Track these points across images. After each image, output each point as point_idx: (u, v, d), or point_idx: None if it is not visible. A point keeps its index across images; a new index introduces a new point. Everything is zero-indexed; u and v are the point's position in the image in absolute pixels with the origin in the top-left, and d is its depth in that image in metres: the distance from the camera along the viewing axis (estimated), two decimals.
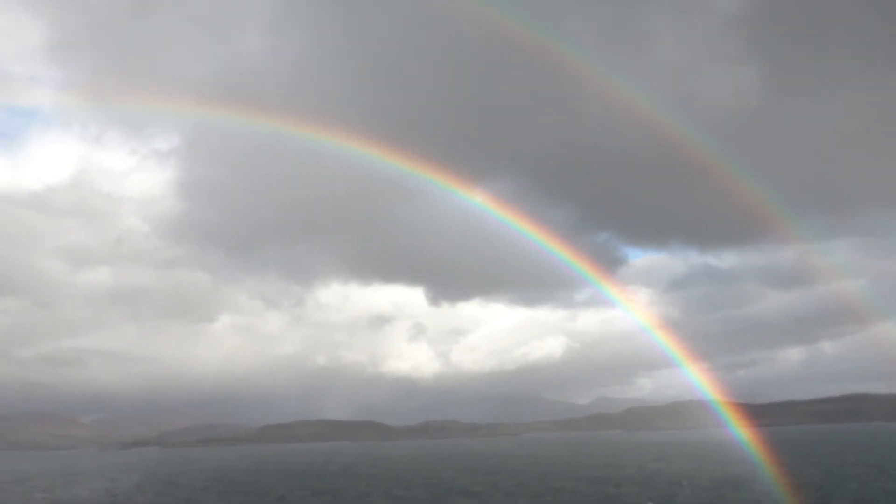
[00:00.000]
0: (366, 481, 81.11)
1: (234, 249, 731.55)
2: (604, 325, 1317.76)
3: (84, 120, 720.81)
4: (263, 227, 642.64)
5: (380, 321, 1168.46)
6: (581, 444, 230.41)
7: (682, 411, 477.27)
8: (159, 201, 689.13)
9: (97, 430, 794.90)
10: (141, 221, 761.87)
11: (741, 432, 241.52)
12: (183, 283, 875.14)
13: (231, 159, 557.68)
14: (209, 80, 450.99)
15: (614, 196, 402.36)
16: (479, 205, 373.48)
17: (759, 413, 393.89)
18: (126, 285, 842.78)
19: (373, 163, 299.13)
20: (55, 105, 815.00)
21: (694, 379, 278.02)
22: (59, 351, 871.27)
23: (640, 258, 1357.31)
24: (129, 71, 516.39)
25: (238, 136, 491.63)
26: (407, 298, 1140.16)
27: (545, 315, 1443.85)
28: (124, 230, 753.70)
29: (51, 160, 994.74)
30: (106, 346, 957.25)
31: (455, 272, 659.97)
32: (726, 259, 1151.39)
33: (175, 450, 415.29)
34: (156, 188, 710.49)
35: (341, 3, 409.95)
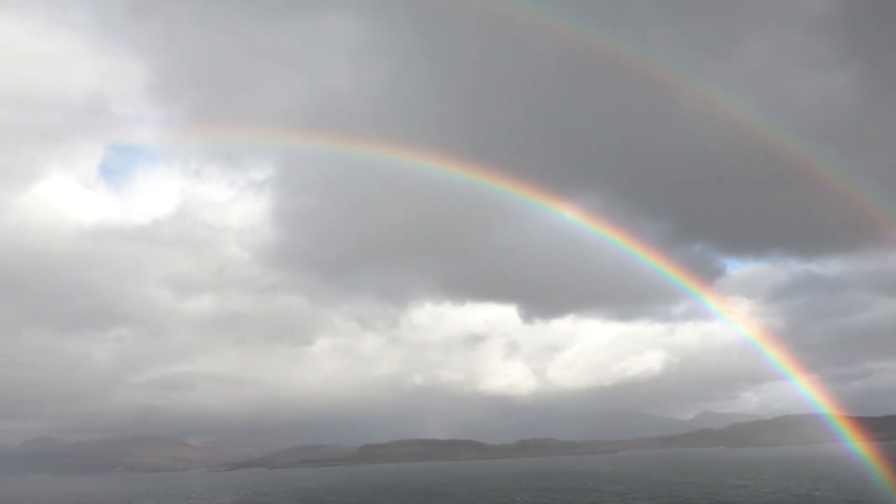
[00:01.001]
0: (463, 501, 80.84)
1: (329, 273, 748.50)
2: (704, 338, 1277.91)
3: (185, 155, 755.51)
4: (357, 251, 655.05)
5: (474, 340, 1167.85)
6: (687, 460, 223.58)
7: (790, 425, 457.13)
8: (257, 230, 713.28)
9: (206, 452, 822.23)
10: (241, 250, 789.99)
11: (857, 447, 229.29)
12: (282, 308, 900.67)
13: (323, 186, 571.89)
14: (298, 111, 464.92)
15: (708, 205, 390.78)
16: (570, 219, 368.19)
17: (875, 426, 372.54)
18: (229, 311, 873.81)
19: (461, 182, 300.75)
20: (158, 142, 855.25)
21: (803, 391, 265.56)
22: (169, 376, 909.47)
23: (739, 268, 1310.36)
24: (224, 107, 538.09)
25: (329, 163, 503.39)
26: (500, 316, 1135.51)
27: (642, 329, 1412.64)
28: (226, 259, 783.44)
29: (156, 194, 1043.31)
30: (212, 371, 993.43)
31: (547, 289, 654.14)
32: (830, 266, 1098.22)
33: (279, 470, 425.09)
34: (253, 217, 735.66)
35: (422, 30, 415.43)
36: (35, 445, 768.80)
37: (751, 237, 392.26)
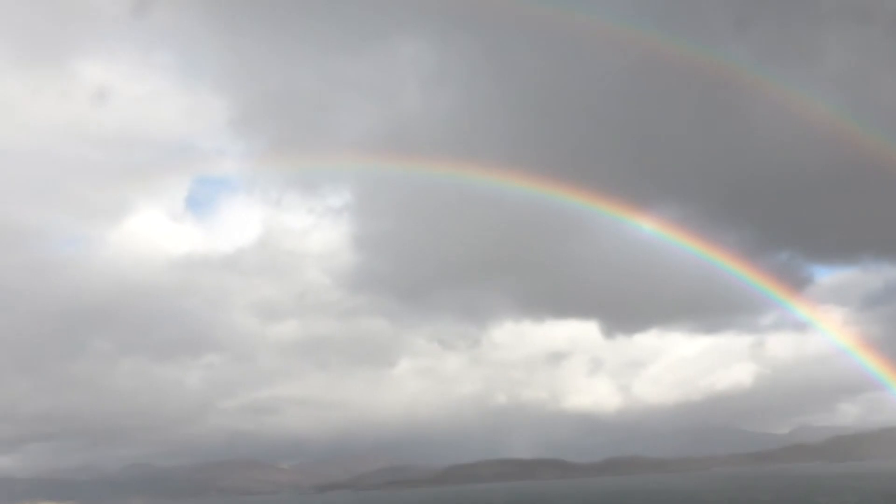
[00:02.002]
0: None
1: (409, 295, 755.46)
2: (796, 349, 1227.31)
3: (266, 185, 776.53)
4: (435, 272, 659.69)
5: (556, 357, 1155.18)
6: (784, 477, 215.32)
7: (894, 438, 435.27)
8: (337, 255, 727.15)
9: (296, 475, 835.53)
10: (322, 275, 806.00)
11: None
12: (364, 331, 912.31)
13: (400, 209, 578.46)
14: (373, 137, 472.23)
15: (793, 211, 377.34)
16: (649, 231, 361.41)
17: None
18: (312, 336, 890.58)
19: (537, 199, 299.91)
20: (240, 174, 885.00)
21: None
22: (257, 400, 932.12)
23: (829, 275, 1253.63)
24: (301, 137, 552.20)
25: (404, 186, 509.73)
26: (581, 333, 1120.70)
27: (729, 342, 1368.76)
28: (307, 284, 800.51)
29: (239, 224, 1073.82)
30: (298, 394, 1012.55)
31: (628, 303, 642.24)
32: None
33: (367, 492, 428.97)
34: (333, 243, 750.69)
35: (490, 52, 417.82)
36: (133, 471, 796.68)
37: (839, 243, 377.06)
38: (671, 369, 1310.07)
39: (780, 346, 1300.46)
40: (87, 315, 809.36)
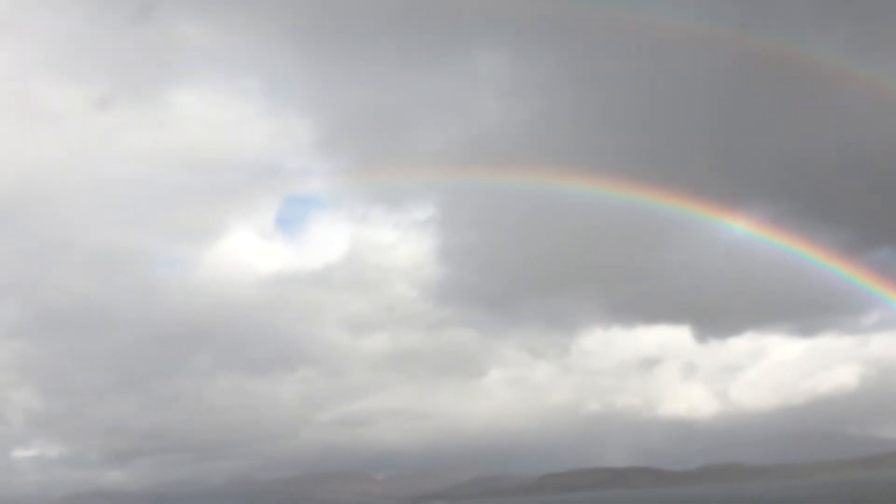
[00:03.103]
0: None
1: (496, 305, 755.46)
2: None
3: (351, 202, 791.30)
4: (522, 281, 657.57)
5: (648, 363, 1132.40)
6: None
7: None
8: (423, 268, 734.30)
9: (390, 486, 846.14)
10: (409, 288, 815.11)
11: None
12: (452, 342, 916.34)
13: (484, 220, 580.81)
14: (454, 150, 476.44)
15: (892, 206, 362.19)
16: (741, 231, 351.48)
17: None
18: (401, 348, 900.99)
19: (623, 203, 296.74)
20: (326, 192, 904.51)
21: None
22: (350, 413, 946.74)
23: None
24: (384, 153, 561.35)
25: (488, 197, 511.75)
26: (673, 338, 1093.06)
27: (830, 343, 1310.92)
28: (395, 297, 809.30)
29: (327, 241, 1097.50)
30: (390, 406, 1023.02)
31: (721, 306, 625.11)
32: None
33: (460, 502, 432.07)
34: (419, 256, 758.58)
35: (567, 59, 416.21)
36: (235, 484, 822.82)
37: None
38: (769, 373, 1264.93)
39: (886, 345, 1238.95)
40: (187, 333, 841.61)
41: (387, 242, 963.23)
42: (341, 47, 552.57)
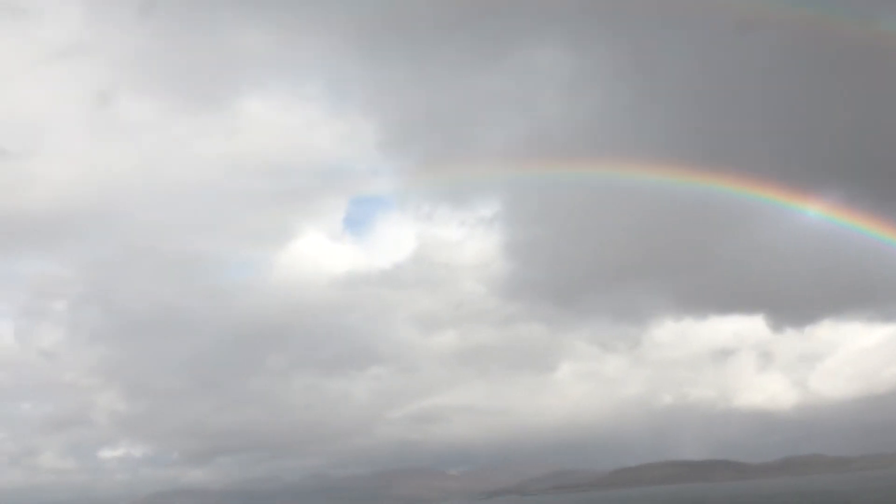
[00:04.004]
0: None
1: (565, 299, 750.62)
2: None
3: (417, 201, 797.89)
4: (590, 274, 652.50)
5: (722, 354, 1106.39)
6: None
7: None
8: (490, 264, 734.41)
9: (464, 482, 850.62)
10: (477, 284, 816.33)
11: None
12: (522, 337, 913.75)
13: (550, 214, 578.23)
14: (517, 146, 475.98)
15: None
16: (815, 215, 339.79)
17: None
18: (471, 344, 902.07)
19: (690, 190, 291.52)
20: (392, 192, 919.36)
21: None
22: (423, 410, 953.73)
23: None
24: (448, 151, 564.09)
25: (553, 191, 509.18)
26: (747, 328, 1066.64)
27: None
28: (463, 294, 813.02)
29: (394, 240, 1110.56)
30: (462, 402, 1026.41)
31: (796, 293, 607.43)
32: None
33: (533, 497, 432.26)
34: (486, 252, 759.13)
35: (628, 49, 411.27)
36: (312, 480, 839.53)
37: None
38: (850, 361, 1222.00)
39: None
40: (261, 335, 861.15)
41: (453, 240, 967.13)
42: (402, 48, 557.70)
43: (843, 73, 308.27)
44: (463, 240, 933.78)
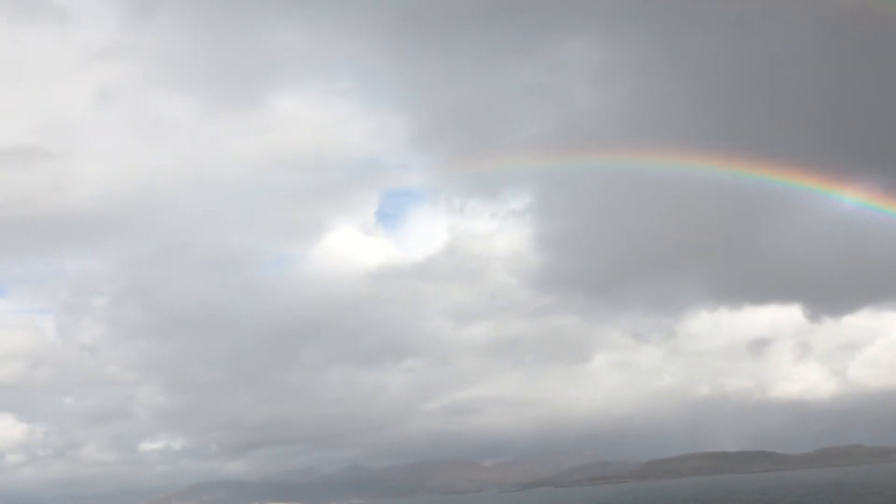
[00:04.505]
0: None
1: (597, 291, 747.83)
2: None
3: (448, 195, 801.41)
4: (622, 265, 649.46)
5: (759, 344, 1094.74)
6: None
7: None
8: (522, 256, 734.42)
9: (498, 473, 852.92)
10: (509, 276, 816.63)
11: None
12: (555, 329, 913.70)
13: (581, 206, 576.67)
14: (548, 138, 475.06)
15: None
16: (854, 202, 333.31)
17: None
18: (504, 336, 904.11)
19: (724, 178, 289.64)
20: (423, 185, 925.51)
21: None
22: (457, 401, 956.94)
23: None
24: (478, 144, 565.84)
25: (584, 183, 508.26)
26: (783, 318, 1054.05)
27: None
28: (496, 286, 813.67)
29: (427, 233, 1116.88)
30: (495, 394, 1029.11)
31: (834, 283, 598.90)
32: None
33: (568, 488, 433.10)
34: (517, 244, 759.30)
35: (660, 39, 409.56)
36: (348, 473, 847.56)
37: None
38: (890, 350, 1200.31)
39: None
40: (297, 329, 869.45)
41: (485, 232, 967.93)
42: (431, 44, 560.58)
43: (880, 60, 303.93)
44: (494, 232, 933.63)
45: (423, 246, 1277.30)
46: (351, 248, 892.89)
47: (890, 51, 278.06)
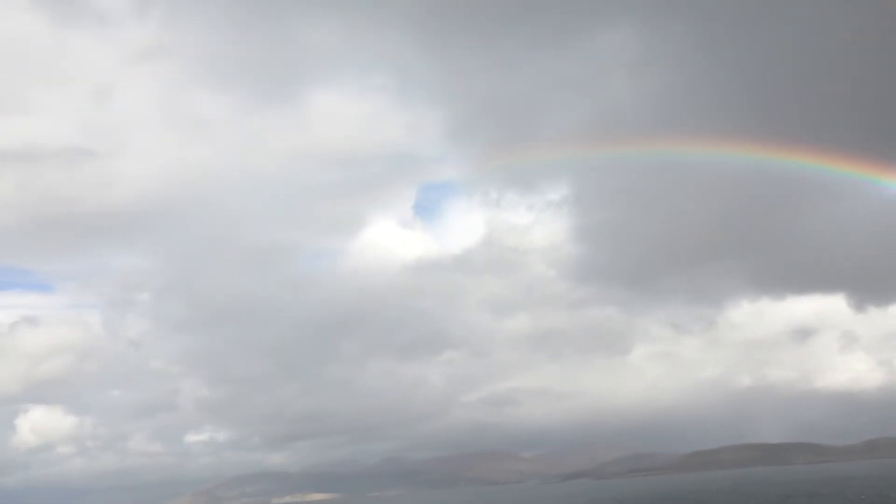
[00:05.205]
0: None
1: (636, 282, 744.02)
2: None
3: (484, 188, 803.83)
4: (661, 256, 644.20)
5: (802, 334, 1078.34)
6: None
7: None
8: (560, 248, 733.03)
9: (538, 464, 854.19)
10: (547, 268, 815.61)
11: None
12: (594, 320, 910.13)
13: (618, 196, 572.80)
14: (584, 129, 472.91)
15: None
16: None
17: None
18: (543, 328, 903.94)
19: (765, 167, 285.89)
20: (460, 178, 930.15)
21: None
22: (496, 393, 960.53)
23: None
24: (514, 137, 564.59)
25: (621, 174, 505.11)
26: (827, 307, 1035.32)
27: None
28: (534, 278, 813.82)
29: (464, 226, 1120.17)
30: (535, 385, 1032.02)
31: (880, 272, 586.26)
32: None
33: (608, 480, 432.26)
34: (555, 236, 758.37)
35: (697, 27, 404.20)
36: (389, 464, 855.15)
37: None
38: None
39: None
40: (337, 322, 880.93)
41: (522, 224, 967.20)
42: (466, 37, 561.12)
43: None
44: (532, 224, 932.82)
45: (461, 238, 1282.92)
46: (389, 241, 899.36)
47: None
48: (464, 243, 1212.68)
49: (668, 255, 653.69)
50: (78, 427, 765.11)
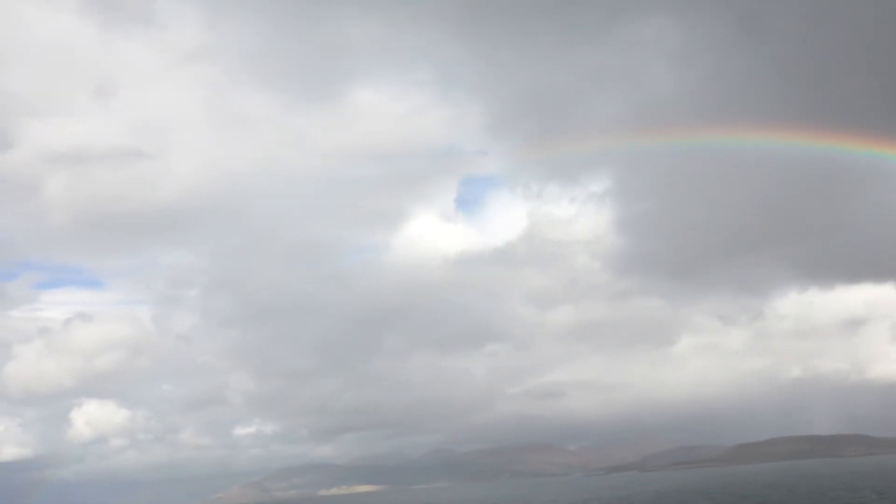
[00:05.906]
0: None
1: (680, 273, 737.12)
2: None
3: (526, 180, 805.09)
4: (705, 247, 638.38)
5: (853, 325, 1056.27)
6: None
7: None
8: (603, 239, 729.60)
9: (583, 457, 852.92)
10: (590, 260, 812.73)
11: None
12: (638, 312, 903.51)
13: (661, 187, 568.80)
14: (625, 121, 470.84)
15: None
16: None
17: None
18: (587, 320, 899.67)
19: (812, 154, 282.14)
20: (501, 171, 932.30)
21: None
22: (541, 385, 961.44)
23: None
24: (555, 129, 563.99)
25: (664, 164, 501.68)
26: (878, 297, 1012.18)
27: None
28: (577, 270, 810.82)
29: (506, 218, 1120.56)
30: (579, 378, 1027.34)
31: None
32: None
33: (653, 473, 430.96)
34: (598, 228, 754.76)
35: (739, 15, 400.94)
36: (434, 457, 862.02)
37: None
38: None
39: None
40: (381, 315, 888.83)
41: (564, 217, 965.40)
42: (505, 30, 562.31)
43: None
44: (574, 216, 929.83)
45: (503, 231, 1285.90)
46: (431, 235, 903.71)
47: None
48: (506, 236, 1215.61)
49: (713, 244, 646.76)
50: (130, 420, 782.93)
